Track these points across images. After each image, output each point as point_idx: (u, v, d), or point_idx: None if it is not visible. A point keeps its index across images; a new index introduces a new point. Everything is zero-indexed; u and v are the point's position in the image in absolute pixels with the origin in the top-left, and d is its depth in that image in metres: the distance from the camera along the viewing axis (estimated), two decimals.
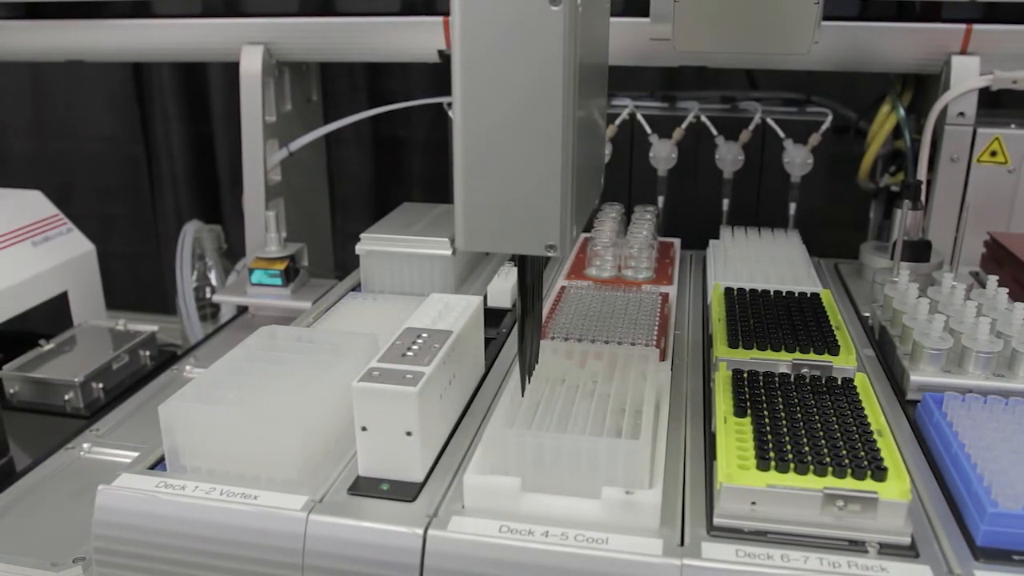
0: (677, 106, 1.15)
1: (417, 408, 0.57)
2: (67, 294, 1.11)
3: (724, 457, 0.55)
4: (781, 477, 0.53)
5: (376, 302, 0.90)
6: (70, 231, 1.15)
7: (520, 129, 0.49)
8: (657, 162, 1.11)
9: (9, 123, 1.71)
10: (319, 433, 0.61)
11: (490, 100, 0.49)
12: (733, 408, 0.61)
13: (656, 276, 0.94)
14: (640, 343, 0.76)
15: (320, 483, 0.58)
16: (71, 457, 0.80)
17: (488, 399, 0.71)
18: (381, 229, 0.95)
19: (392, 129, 1.53)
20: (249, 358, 0.67)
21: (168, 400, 0.60)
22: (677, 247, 1.04)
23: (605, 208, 1.04)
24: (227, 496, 0.57)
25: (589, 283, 0.92)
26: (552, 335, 0.78)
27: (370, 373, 0.58)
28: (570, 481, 0.55)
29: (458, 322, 0.68)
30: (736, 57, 1.06)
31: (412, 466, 0.58)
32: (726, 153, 1.09)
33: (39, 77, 1.67)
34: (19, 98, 1.70)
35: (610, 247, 0.95)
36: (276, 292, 1.07)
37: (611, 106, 1.16)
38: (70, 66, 1.29)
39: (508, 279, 0.92)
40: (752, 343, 0.72)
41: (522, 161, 0.50)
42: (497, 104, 0.49)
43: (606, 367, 0.67)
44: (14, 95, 1.69)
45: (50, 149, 1.71)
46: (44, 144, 1.71)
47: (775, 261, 0.92)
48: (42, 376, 0.94)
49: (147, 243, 1.72)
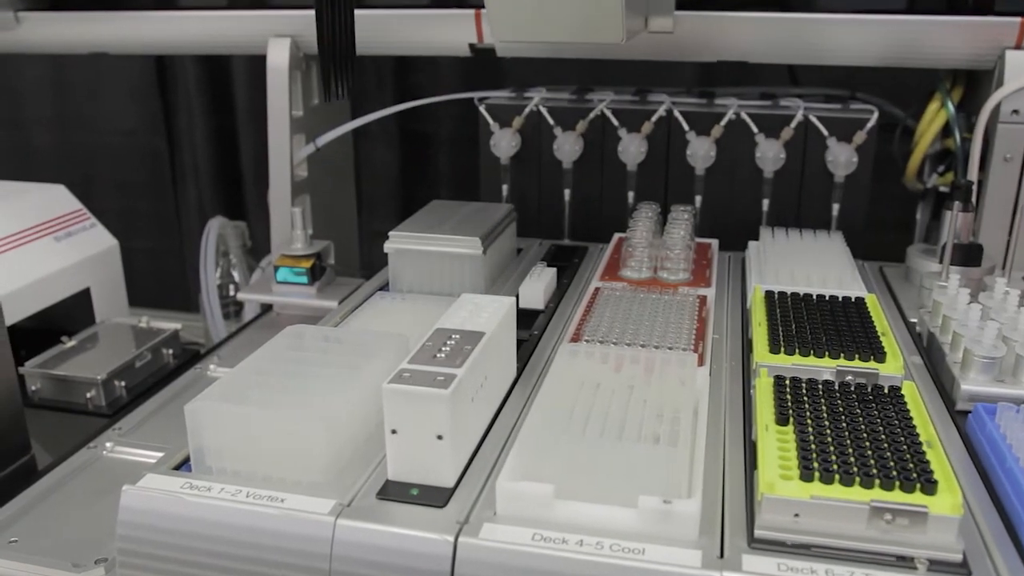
0: (715, 103, 1.15)
1: (449, 411, 0.57)
2: (90, 290, 1.13)
3: (765, 466, 0.55)
4: (825, 488, 0.53)
5: (405, 302, 0.90)
6: (93, 226, 1.17)
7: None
8: (695, 160, 1.11)
9: (31, 116, 1.74)
10: (347, 435, 0.62)
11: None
12: (775, 416, 0.61)
13: (693, 278, 0.93)
14: (677, 347, 0.75)
15: (348, 487, 0.59)
16: (93, 456, 0.81)
17: (520, 402, 0.71)
18: (410, 227, 0.95)
19: (419, 125, 1.53)
20: (276, 358, 0.68)
21: (194, 400, 0.61)
22: (715, 248, 1.04)
23: (641, 207, 1.04)
24: (253, 499, 0.57)
25: (624, 284, 0.91)
26: (586, 338, 0.78)
27: (400, 374, 0.59)
28: (606, 488, 0.55)
29: (490, 323, 0.68)
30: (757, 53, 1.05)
31: (443, 470, 0.58)
32: (767, 151, 1.09)
33: (61, 70, 1.69)
34: (41, 91, 1.72)
35: (646, 247, 0.95)
36: (302, 291, 1.08)
37: (647, 103, 1.16)
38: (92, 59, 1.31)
39: (540, 280, 0.92)
40: (794, 349, 0.72)
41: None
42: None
43: (642, 372, 0.67)
44: (36, 88, 1.72)
45: (71, 142, 1.73)
46: (65, 137, 1.73)
47: (817, 264, 0.91)
48: (64, 373, 0.95)
49: (169, 239, 1.74)
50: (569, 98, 1.19)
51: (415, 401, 0.57)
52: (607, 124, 1.15)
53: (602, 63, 1.18)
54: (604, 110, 1.14)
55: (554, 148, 1.16)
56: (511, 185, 1.19)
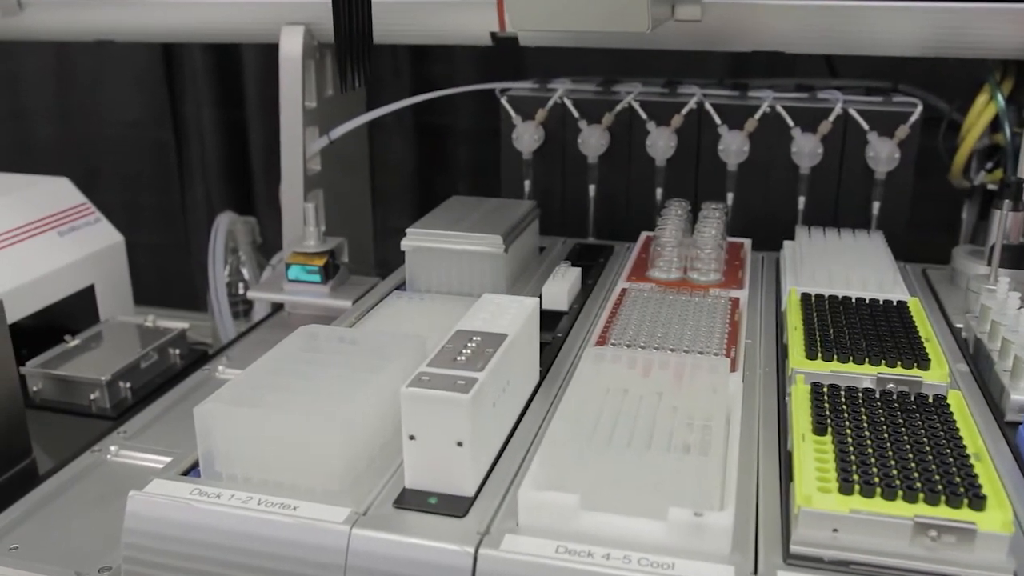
0: (749, 95, 1.14)
1: (469, 416, 0.57)
2: (94, 288, 1.13)
3: (802, 478, 0.55)
4: (866, 502, 0.53)
5: (423, 302, 0.90)
6: (98, 221, 1.18)
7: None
8: (727, 155, 1.11)
9: (33, 106, 1.75)
10: (363, 441, 0.62)
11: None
12: (812, 425, 0.61)
13: (725, 279, 0.93)
14: (709, 352, 0.75)
15: (364, 495, 0.59)
16: (97, 460, 0.81)
17: (543, 408, 0.71)
18: (429, 224, 0.96)
19: (438, 117, 1.54)
20: (289, 359, 0.68)
21: (204, 402, 0.61)
22: (748, 248, 1.04)
23: (670, 204, 1.04)
24: (265, 506, 0.58)
25: (652, 285, 0.91)
26: (612, 341, 0.78)
27: (419, 378, 0.59)
28: (633, 499, 0.54)
29: (513, 325, 0.68)
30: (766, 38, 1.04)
31: (463, 479, 0.59)
32: (803, 146, 1.08)
33: (64, 59, 1.70)
34: (43, 81, 1.73)
35: (675, 247, 0.94)
36: (314, 289, 1.09)
37: (677, 95, 1.15)
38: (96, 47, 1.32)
39: (564, 280, 0.92)
40: (832, 354, 0.72)
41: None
42: None
43: (672, 377, 0.66)
44: (38, 78, 1.73)
45: (75, 134, 1.74)
46: (69, 128, 1.75)
47: (857, 265, 0.91)
48: (67, 374, 0.96)
49: (176, 234, 1.75)
50: (595, 90, 1.19)
51: (434, 406, 0.57)
52: (635, 117, 1.15)
53: (629, 53, 1.18)
54: (632, 102, 1.14)
55: (579, 142, 1.16)
56: (534, 181, 1.19)
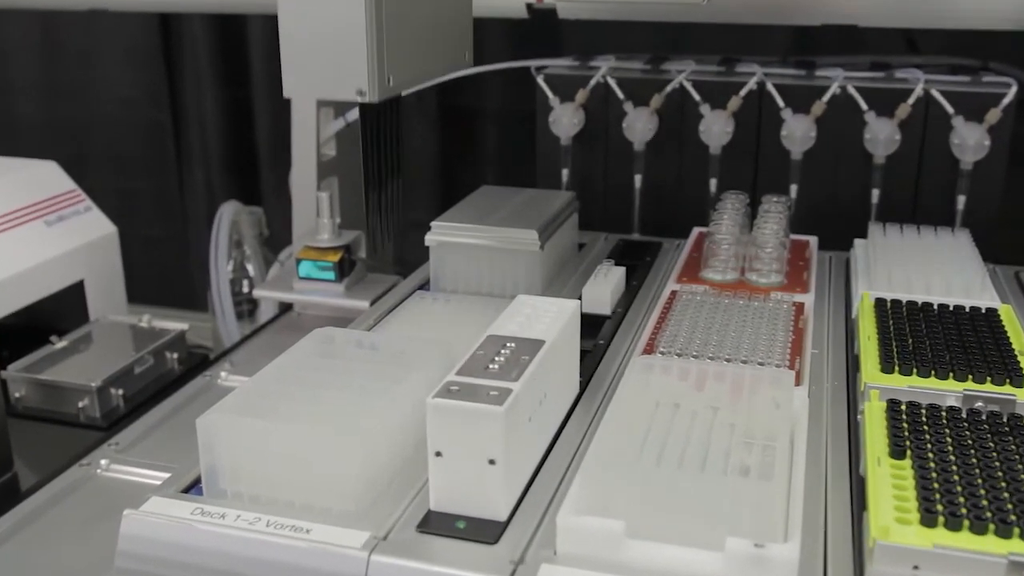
0: (816, 74, 1.14)
1: (503, 431, 0.57)
2: (83, 283, 1.15)
3: (878, 508, 0.55)
4: (952, 536, 0.52)
5: (449, 303, 0.91)
6: (89, 209, 1.19)
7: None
8: (791, 142, 1.11)
9: (17, 82, 1.77)
10: (384, 457, 0.63)
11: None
12: (889, 447, 0.61)
13: (788, 281, 0.93)
14: (770, 363, 0.76)
15: (384, 517, 0.59)
16: (85, 475, 0.82)
17: (584, 423, 0.71)
18: (456, 217, 0.96)
19: (466, 99, 1.54)
20: (302, 365, 0.69)
21: (208, 412, 0.62)
22: (814, 247, 1.03)
23: (727, 197, 1.03)
24: (275, 528, 0.58)
25: (705, 288, 0.91)
26: (661, 349, 0.78)
27: (447, 388, 0.59)
28: (686, 528, 0.54)
29: (551, 330, 0.68)
30: None
31: (495, 501, 0.59)
32: (878, 132, 1.08)
33: (50, 29, 1.72)
34: (28, 54, 1.75)
35: (732, 244, 0.94)
36: (328, 288, 1.09)
37: (734, 74, 1.15)
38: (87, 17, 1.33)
39: (607, 281, 0.92)
40: (911, 368, 0.72)
41: (333, 9, 0.71)
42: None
43: (729, 391, 0.67)
44: (22, 50, 1.75)
45: (62, 113, 1.76)
46: (56, 107, 1.76)
47: (939, 267, 0.90)
48: (53, 379, 0.97)
49: (172, 225, 1.76)
50: (642, 68, 1.19)
51: (464, 419, 0.58)
52: (687, 99, 1.14)
53: (681, 27, 1.18)
54: (683, 82, 1.14)
55: (624, 127, 1.16)
56: (572, 169, 1.19)
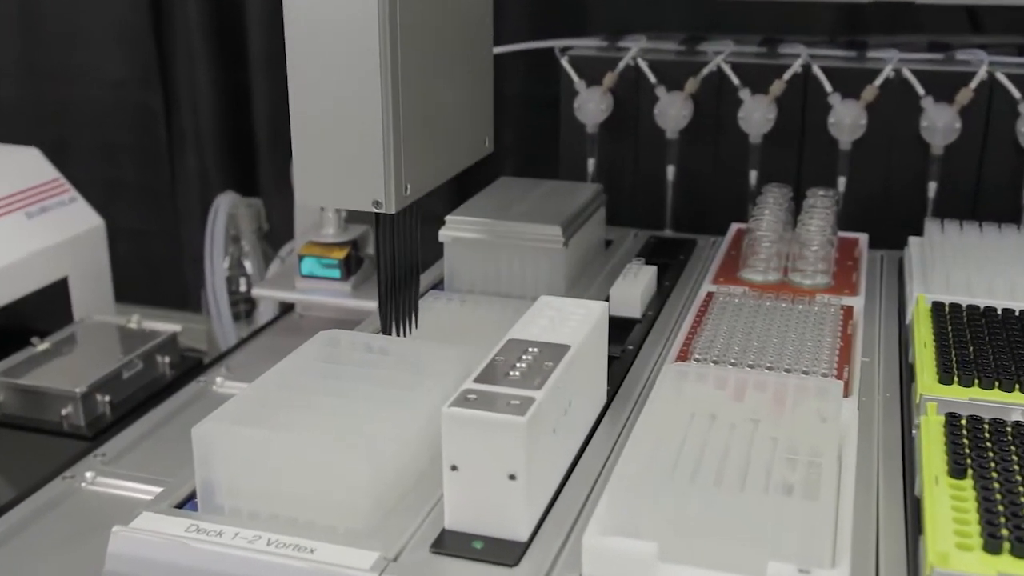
0: (868, 56, 1.14)
1: (525, 444, 0.57)
2: (67, 280, 1.15)
3: (936, 531, 0.54)
4: (1019, 564, 0.52)
5: (464, 305, 0.91)
6: (73, 200, 1.20)
7: (342, 85, 0.70)
8: (839, 130, 1.10)
9: None
10: (394, 471, 0.63)
11: (315, 59, 0.71)
12: (948, 466, 0.60)
13: (836, 283, 0.93)
14: (816, 372, 0.75)
15: (395, 536, 0.59)
16: (69, 488, 0.83)
17: (612, 435, 0.71)
18: (472, 211, 0.96)
19: None
20: (305, 371, 0.69)
21: (204, 421, 0.62)
22: (864, 245, 1.03)
23: (768, 191, 1.03)
24: (276, 547, 0.58)
25: (745, 289, 0.91)
26: (696, 356, 0.78)
27: (464, 396, 0.59)
28: (723, 551, 0.54)
29: (576, 334, 0.68)
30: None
31: (515, 519, 0.59)
32: (936, 119, 1.07)
33: (30, 3, 1.73)
34: (5, 31, 1.75)
35: (774, 242, 0.94)
36: (333, 287, 1.10)
37: (777, 55, 1.15)
38: None
39: (637, 281, 0.92)
40: (972, 379, 0.72)
41: (346, 116, 0.71)
42: (321, 61, 0.71)
43: (771, 402, 0.67)
44: None
45: (43, 96, 1.76)
46: (36, 90, 1.77)
47: (1003, 267, 0.90)
48: (34, 384, 0.98)
49: (163, 218, 1.76)
50: (676, 49, 1.18)
51: (482, 430, 0.57)
52: (724, 83, 1.14)
53: (719, 4, 1.17)
54: (721, 65, 1.14)
55: (655, 113, 1.15)
56: (599, 159, 1.19)
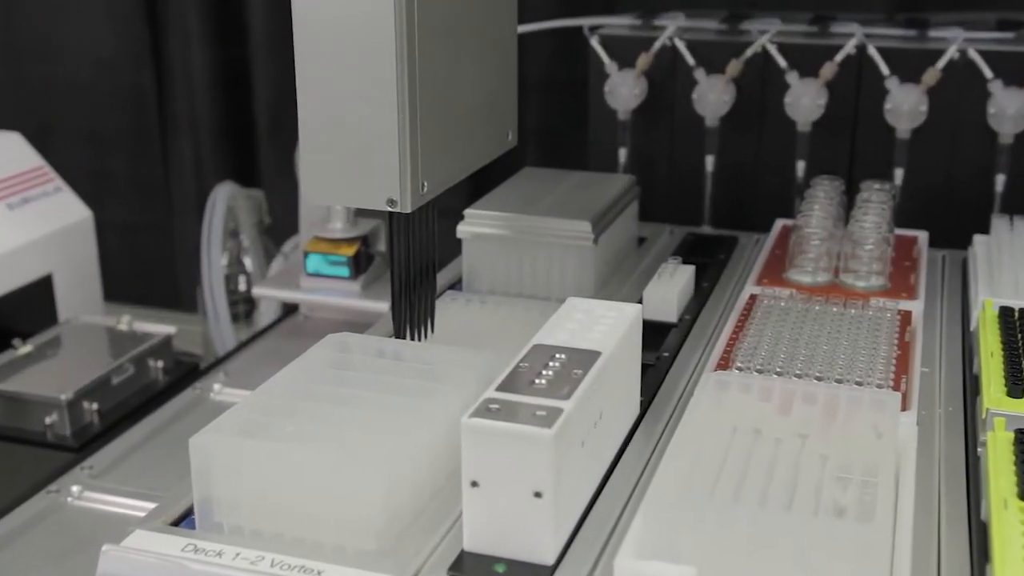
0: (929, 35, 1.13)
1: (551, 459, 0.57)
2: (52, 278, 1.16)
3: (1005, 559, 0.54)
4: None
5: (485, 306, 0.91)
6: (58, 190, 1.20)
7: (354, 71, 0.71)
8: (897, 117, 1.10)
9: None
10: (409, 486, 0.63)
11: (326, 50, 0.71)
12: (1018, 487, 0.60)
13: (892, 285, 0.93)
14: (870, 383, 0.75)
15: (409, 558, 0.60)
16: (54, 503, 0.83)
17: (646, 450, 0.71)
18: (493, 204, 0.97)
19: None
20: (313, 378, 0.69)
21: (202, 432, 0.63)
22: (923, 244, 1.03)
23: (817, 183, 1.03)
24: (280, 569, 0.58)
25: (791, 292, 0.91)
26: (738, 364, 0.78)
27: (485, 407, 0.59)
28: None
29: (608, 339, 0.68)
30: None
31: (540, 540, 0.59)
32: (1006, 106, 1.07)
33: None
34: None
35: (823, 240, 0.94)
36: (341, 286, 1.10)
37: (828, 35, 1.15)
38: None
39: (673, 282, 0.92)
40: None
41: (359, 105, 0.72)
42: (332, 53, 0.71)
43: (820, 416, 0.67)
44: None
45: (25, 76, 1.77)
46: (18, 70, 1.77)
47: None
48: (15, 390, 0.98)
49: (157, 211, 1.77)
50: (716, 28, 1.19)
51: (505, 443, 0.58)
52: (770, 65, 1.14)
53: None
54: (766, 45, 1.14)
55: (694, 98, 1.16)
56: (632, 149, 1.19)
